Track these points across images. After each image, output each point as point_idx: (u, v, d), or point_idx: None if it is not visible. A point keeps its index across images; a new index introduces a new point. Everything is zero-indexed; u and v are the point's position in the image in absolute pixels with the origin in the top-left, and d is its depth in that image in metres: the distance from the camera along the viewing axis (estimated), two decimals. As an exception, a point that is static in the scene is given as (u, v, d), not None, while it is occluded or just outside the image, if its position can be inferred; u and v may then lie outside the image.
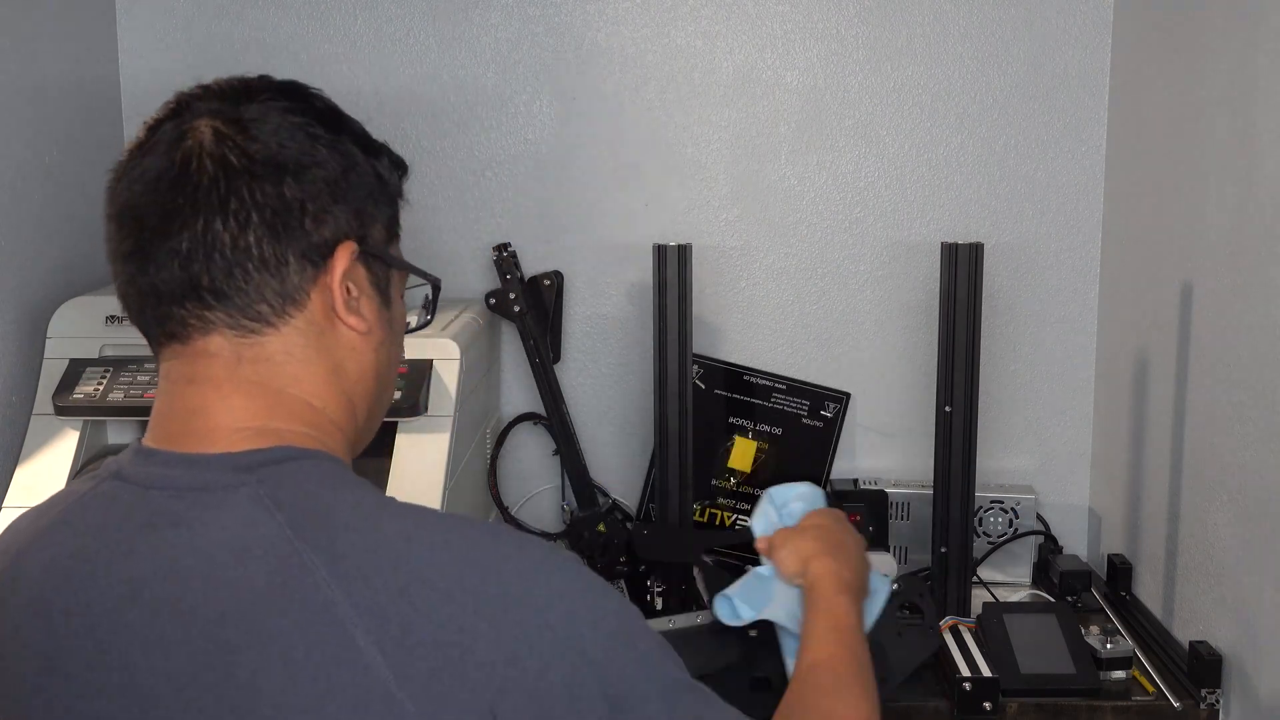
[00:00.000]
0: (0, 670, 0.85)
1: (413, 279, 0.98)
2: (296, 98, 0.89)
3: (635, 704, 0.81)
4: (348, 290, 0.88)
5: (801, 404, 1.96)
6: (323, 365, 0.88)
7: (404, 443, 1.51)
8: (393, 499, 0.85)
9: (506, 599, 0.78)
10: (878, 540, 1.87)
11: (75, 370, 1.59)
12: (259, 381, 0.86)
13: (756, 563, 1.29)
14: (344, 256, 0.87)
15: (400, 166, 0.96)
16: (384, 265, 0.92)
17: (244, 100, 0.87)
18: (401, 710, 0.74)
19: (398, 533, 0.80)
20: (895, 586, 1.32)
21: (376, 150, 0.93)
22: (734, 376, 1.97)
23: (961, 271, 1.55)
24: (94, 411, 1.58)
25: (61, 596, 0.83)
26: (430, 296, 1.01)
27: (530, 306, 1.85)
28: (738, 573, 1.31)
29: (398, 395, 1.55)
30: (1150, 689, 1.52)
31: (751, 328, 1.99)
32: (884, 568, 1.77)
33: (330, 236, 0.87)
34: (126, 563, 0.81)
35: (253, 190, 0.83)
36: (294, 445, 0.85)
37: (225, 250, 0.83)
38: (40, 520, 0.89)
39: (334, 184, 0.87)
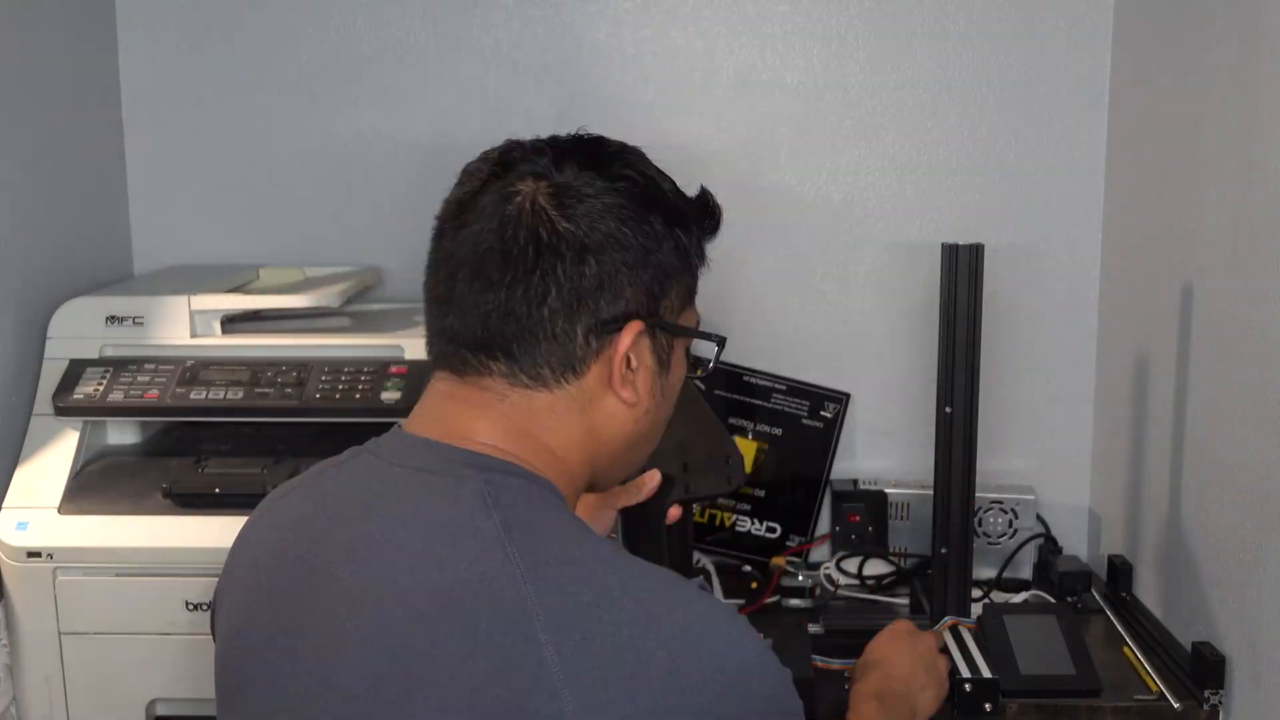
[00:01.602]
0: (231, 593, 0.98)
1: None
2: (615, 173, 0.94)
3: None
4: (628, 362, 0.94)
5: (801, 404, 1.96)
6: (580, 426, 0.94)
7: (404, 443, 1.51)
8: (598, 535, 0.90)
9: (688, 635, 0.82)
10: (878, 540, 1.87)
11: (75, 370, 1.59)
12: (513, 420, 0.93)
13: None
14: (630, 334, 0.93)
15: (709, 227, 1.03)
16: (670, 334, 0.97)
17: (571, 163, 0.93)
18: (560, 706, 0.78)
19: (596, 556, 0.85)
20: None
21: (684, 220, 0.98)
22: (734, 377, 1.97)
23: (962, 272, 1.55)
24: (94, 412, 1.58)
25: (295, 543, 0.93)
26: (716, 350, 1.05)
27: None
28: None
29: (398, 395, 1.55)
30: (1153, 688, 1.52)
31: (751, 328, 1.98)
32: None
33: (620, 314, 0.92)
34: (356, 525, 0.90)
35: (555, 268, 0.90)
36: (522, 467, 0.91)
37: (521, 318, 0.90)
38: (306, 477, 1.00)
39: (633, 266, 0.92)
